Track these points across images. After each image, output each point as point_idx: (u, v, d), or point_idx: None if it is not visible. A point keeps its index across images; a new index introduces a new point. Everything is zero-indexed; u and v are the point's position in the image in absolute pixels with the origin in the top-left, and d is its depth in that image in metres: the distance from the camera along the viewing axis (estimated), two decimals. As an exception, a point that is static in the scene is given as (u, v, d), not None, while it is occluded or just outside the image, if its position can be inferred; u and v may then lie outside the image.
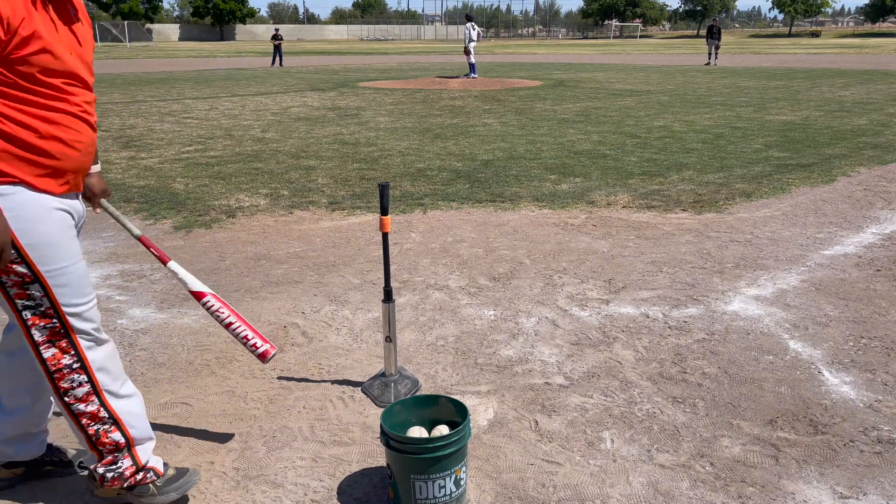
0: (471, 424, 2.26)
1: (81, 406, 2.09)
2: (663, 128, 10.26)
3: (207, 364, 3.16)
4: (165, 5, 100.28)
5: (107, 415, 2.12)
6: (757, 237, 4.94)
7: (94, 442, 2.12)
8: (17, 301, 2.00)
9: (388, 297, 2.80)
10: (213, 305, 2.45)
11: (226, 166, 7.68)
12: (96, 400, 2.11)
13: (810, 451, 2.46)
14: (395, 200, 6.07)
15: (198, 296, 2.45)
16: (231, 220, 5.54)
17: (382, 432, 2.13)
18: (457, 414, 2.27)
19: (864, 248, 4.69)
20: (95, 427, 2.11)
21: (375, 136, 9.74)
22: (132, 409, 2.17)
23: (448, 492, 2.12)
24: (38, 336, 2.02)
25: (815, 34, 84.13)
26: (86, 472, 2.22)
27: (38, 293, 2.00)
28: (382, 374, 2.93)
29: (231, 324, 2.46)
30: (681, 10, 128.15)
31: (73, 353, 2.07)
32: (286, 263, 4.54)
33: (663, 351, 3.24)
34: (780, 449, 2.47)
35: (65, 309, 2.02)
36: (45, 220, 1.96)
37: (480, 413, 2.74)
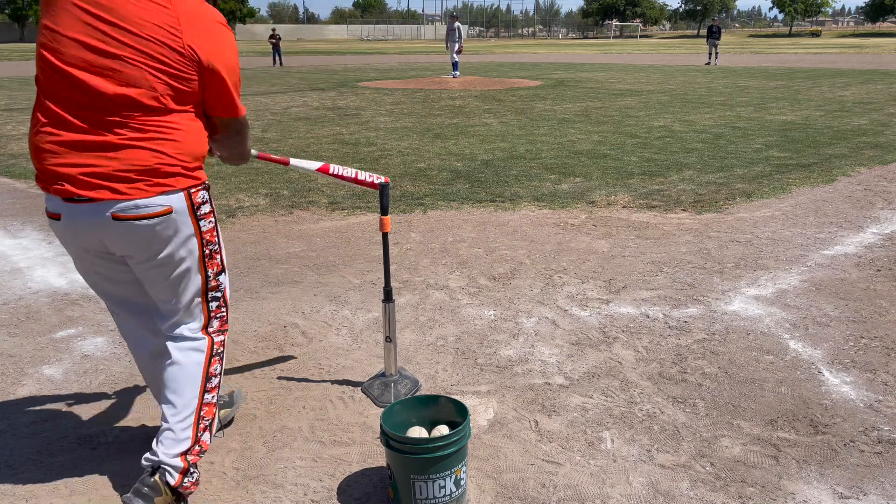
0: (471, 424, 2.26)
1: (209, 396, 2.18)
2: (663, 128, 10.26)
3: (207, 364, 3.16)
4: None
5: (215, 413, 2.22)
6: (757, 237, 4.94)
7: (198, 437, 2.14)
8: (210, 293, 2.19)
9: (388, 297, 2.80)
10: (337, 170, 2.79)
11: (225, 166, 7.67)
12: (216, 395, 2.23)
13: (810, 451, 2.46)
14: (395, 200, 6.07)
15: (323, 170, 2.75)
16: (231, 220, 5.54)
17: (382, 432, 2.13)
18: (457, 414, 2.27)
19: (864, 248, 4.69)
20: (206, 422, 2.17)
21: (375, 136, 9.74)
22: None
23: (448, 492, 2.12)
24: (215, 325, 2.22)
25: (816, 34, 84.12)
26: (152, 476, 2.08)
27: (223, 283, 2.22)
28: (382, 374, 2.93)
29: (357, 174, 2.79)
30: (681, 10, 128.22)
31: (222, 346, 2.25)
32: (286, 263, 4.54)
33: (663, 351, 3.24)
34: (780, 449, 2.47)
35: (229, 301, 2.25)
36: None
37: (480, 413, 2.74)
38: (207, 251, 2.12)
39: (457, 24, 22.63)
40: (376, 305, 3.80)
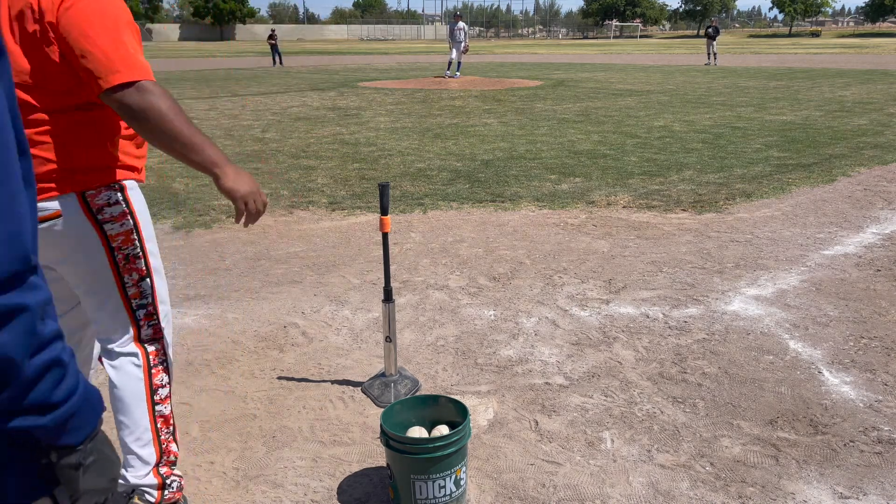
0: (471, 424, 2.26)
1: (162, 407, 2.08)
2: (663, 128, 10.26)
3: (207, 364, 3.16)
4: (165, 5, 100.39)
5: (172, 422, 2.12)
6: (757, 237, 4.94)
7: (163, 448, 2.07)
8: (134, 301, 2.02)
9: (388, 297, 2.80)
10: None
11: (226, 166, 7.67)
12: (170, 404, 2.11)
13: (810, 451, 2.46)
14: (395, 200, 6.07)
15: None
16: (231, 220, 5.54)
17: (382, 432, 2.13)
18: (457, 414, 2.27)
19: (864, 248, 4.69)
20: (167, 433, 2.09)
21: (375, 136, 9.74)
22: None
23: (448, 492, 2.12)
24: (148, 334, 2.06)
25: (815, 34, 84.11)
26: (130, 499, 2.04)
27: (147, 290, 2.03)
28: (382, 374, 2.93)
29: None
30: (681, 10, 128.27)
31: (163, 353, 2.10)
32: (286, 263, 4.54)
33: (663, 351, 3.24)
34: (780, 449, 2.47)
35: (160, 308, 2.06)
36: (148, 214, 2.03)
37: (480, 413, 2.74)
38: (121, 256, 1.94)
39: (461, 23, 22.57)
40: (376, 305, 3.80)
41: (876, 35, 75.93)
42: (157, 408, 2.07)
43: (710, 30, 29.55)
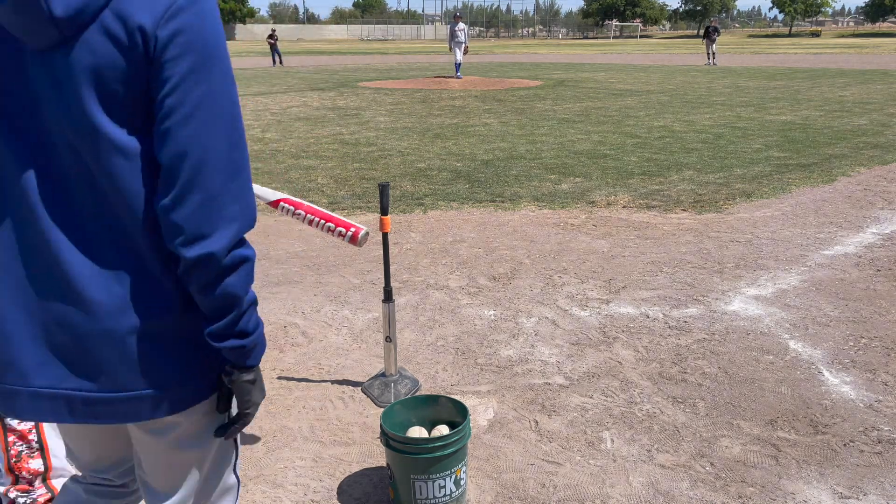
0: (471, 424, 2.26)
1: (13, 422, 1.99)
2: (663, 128, 10.26)
3: (207, 364, 3.16)
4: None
5: (36, 438, 2.03)
6: (757, 237, 4.94)
7: (11, 465, 1.99)
8: None
9: (388, 297, 2.80)
10: (289, 210, 2.56)
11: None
12: None
13: (810, 451, 2.46)
14: (395, 200, 6.07)
15: (273, 204, 2.55)
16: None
17: (382, 432, 2.14)
18: (457, 414, 2.27)
19: (864, 248, 4.69)
20: (19, 449, 2.00)
21: (375, 136, 9.74)
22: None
23: (448, 492, 2.12)
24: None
25: (815, 34, 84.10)
26: None
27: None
28: (382, 374, 2.93)
29: (311, 221, 2.53)
30: (681, 10, 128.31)
31: None
32: (286, 263, 4.54)
33: (663, 351, 3.24)
34: (780, 449, 2.47)
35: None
36: None
37: (480, 413, 2.74)
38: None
39: (461, 24, 22.52)
40: (376, 305, 3.80)
41: (876, 35, 75.88)
42: (8, 422, 2.00)
43: (709, 29, 29.53)
